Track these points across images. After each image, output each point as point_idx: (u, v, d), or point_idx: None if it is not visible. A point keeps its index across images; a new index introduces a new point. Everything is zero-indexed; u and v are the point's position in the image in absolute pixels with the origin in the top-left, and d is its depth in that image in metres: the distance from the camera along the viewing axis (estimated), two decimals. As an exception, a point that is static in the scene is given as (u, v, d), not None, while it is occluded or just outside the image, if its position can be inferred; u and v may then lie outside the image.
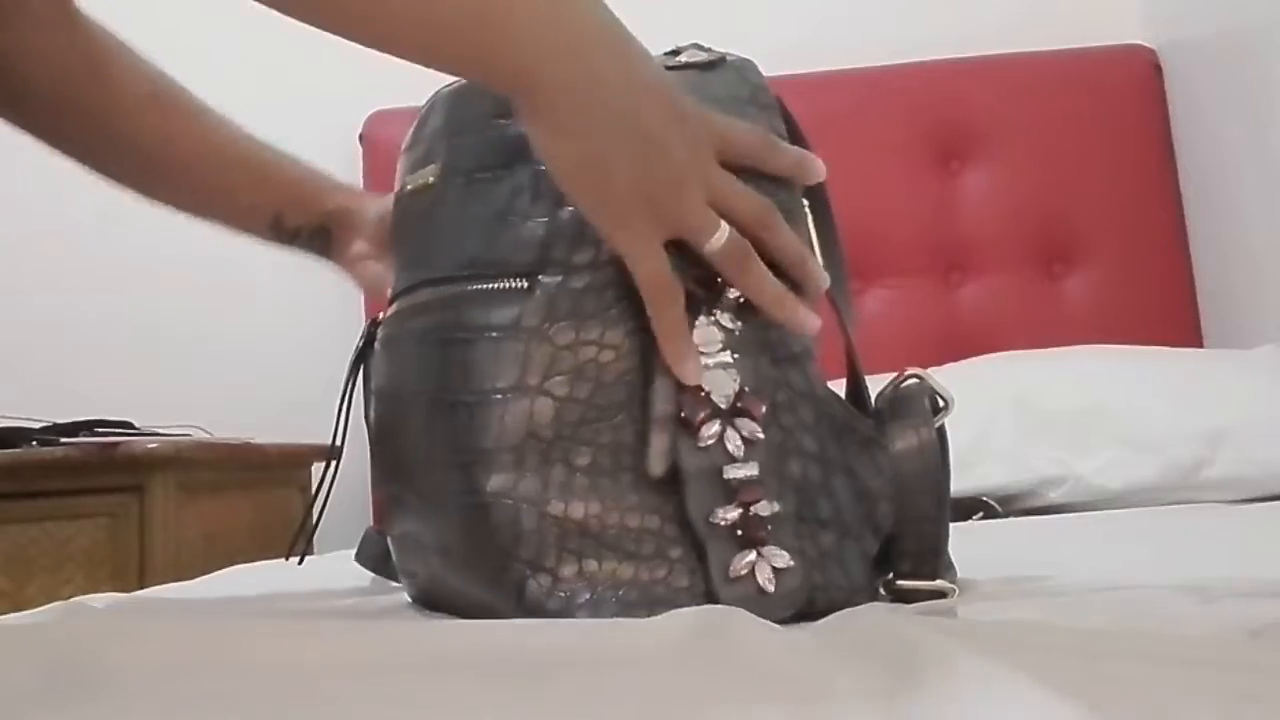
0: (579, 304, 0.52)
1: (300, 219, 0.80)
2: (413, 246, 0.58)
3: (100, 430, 1.49)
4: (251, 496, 1.65)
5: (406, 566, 0.59)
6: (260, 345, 1.94)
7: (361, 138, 1.85)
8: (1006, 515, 1.26)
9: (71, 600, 0.67)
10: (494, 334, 0.52)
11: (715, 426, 0.51)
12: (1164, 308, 1.75)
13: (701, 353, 0.51)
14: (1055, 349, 1.49)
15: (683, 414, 0.51)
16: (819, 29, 1.93)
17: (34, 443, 1.43)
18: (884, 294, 1.79)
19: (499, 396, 0.51)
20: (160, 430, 1.54)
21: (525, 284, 0.52)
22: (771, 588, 0.50)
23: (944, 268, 1.80)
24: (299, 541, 0.66)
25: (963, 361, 1.52)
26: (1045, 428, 1.31)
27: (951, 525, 0.58)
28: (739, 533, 0.50)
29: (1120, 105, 1.79)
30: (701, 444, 0.51)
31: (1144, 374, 1.37)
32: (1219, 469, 1.24)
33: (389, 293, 0.60)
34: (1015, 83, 1.81)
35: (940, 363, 1.53)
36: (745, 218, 0.52)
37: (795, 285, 0.54)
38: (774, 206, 0.53)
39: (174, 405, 1.75)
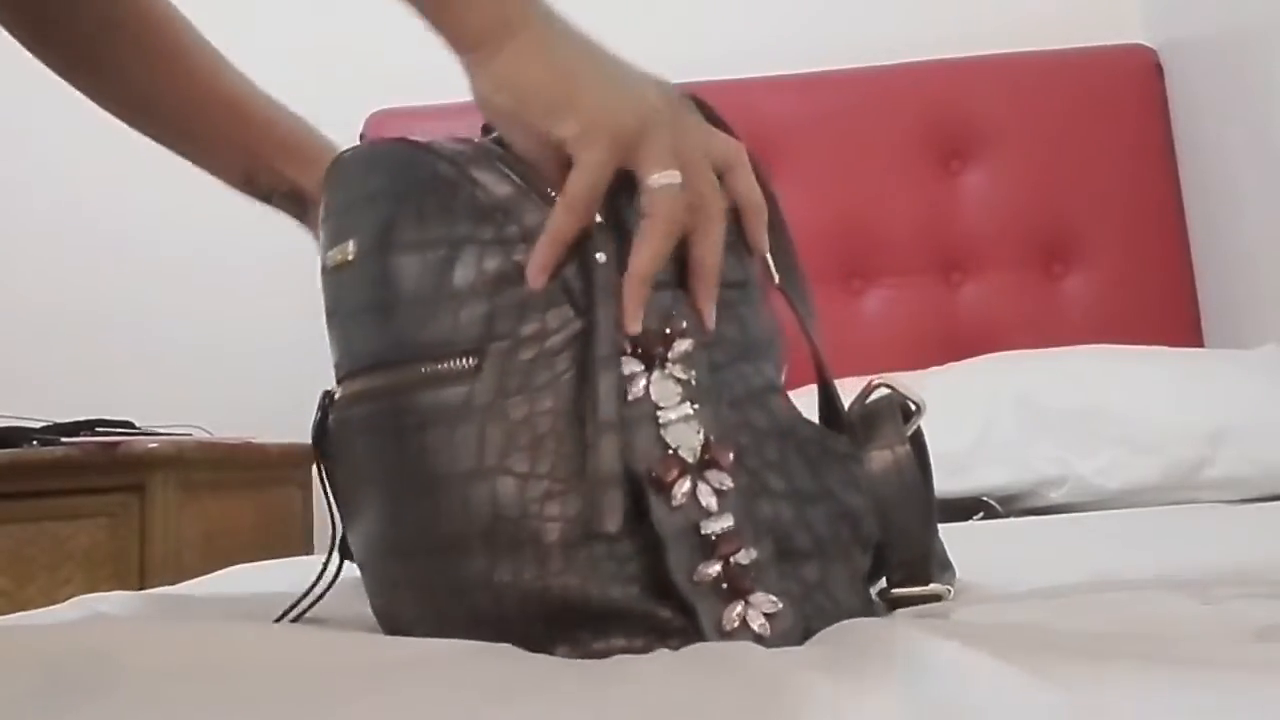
0: (530, 376, 0.50)
1: (272, 181, 0.78)
2: (345, 328, 0.55)
3: (100, 430, 1.49)
4: (251, 496, 1.65)
5: (396, 629, 0.57)
6: (260, 345, 1.94)
7: (361, 138, 1.85)
8: (1006, 515, 1.26)
9: (73, 600, 0.67)
10: (446, 416, 0.50)
11: (686, 484, 0.49)
12: (1164, 308, 1.74)
13: (660, 408, 0.50)
14: (1055, 349, 1.49)
15: (653, 474, 0.49)
16: (819, 28, 1.93)
17: (34, 443, 1.43)
18: (884, 294, 1.79)
19: (459, 481, 0.49)
20: (160, 430, 1.54)
21: (473, 362, 0.50)
22: (767, 633, 0.49)
23: (944, 268, 1.80)
24: (301, 603, 0.62)
25: (963, 361, 1.52)
26: (1046, 428, 1.30)
27: (951, 525, 0.58)
28: (724, 586, 0.49)
29: (1120, 105, 1.79)
30: (675, 503, 0.49)
31: (1144, 374, 1.37)
32: (1219, 469, 1.24)
33: (334, 373, 0.57)
34: (1015, 83, 1.81)
35: (940, 363, 1.53)
36: (716, 157, 0.53)
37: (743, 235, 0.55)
38: (744, 149, 0.55)
39: (174, 405, 1.75)
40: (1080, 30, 1.85)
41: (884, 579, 0.57)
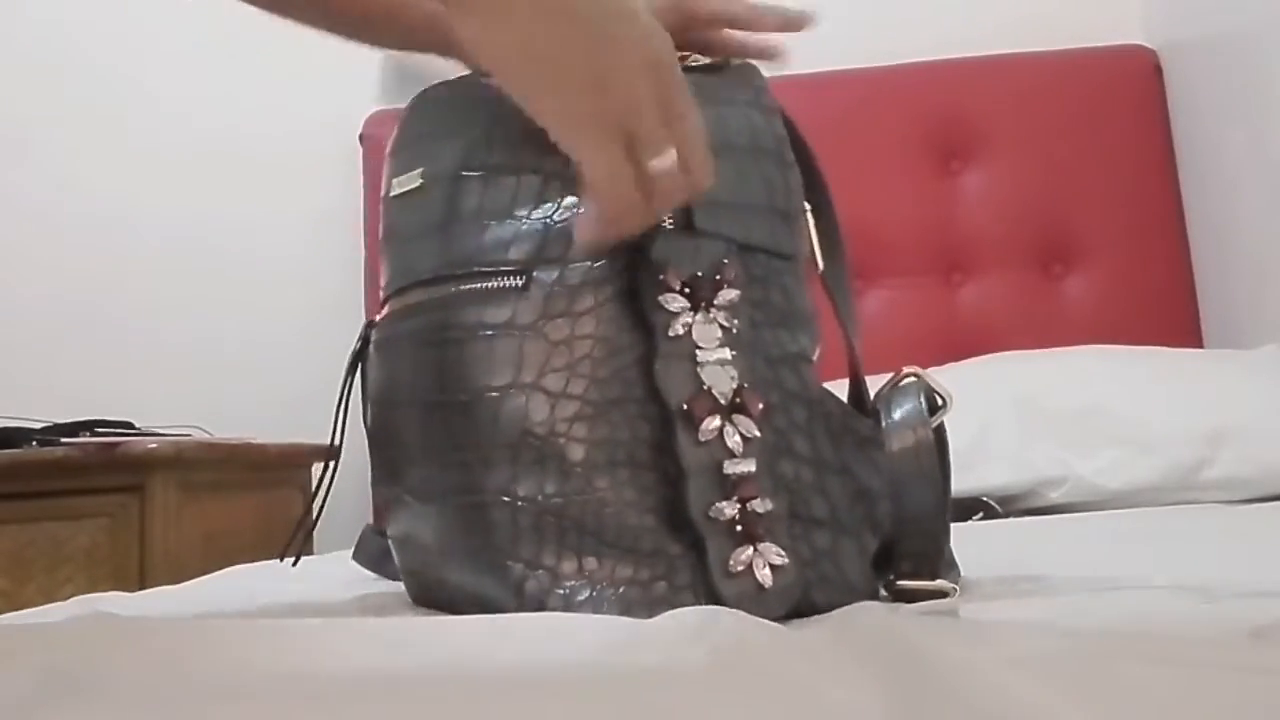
0: (574, 300, 0.52)
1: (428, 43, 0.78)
2: (402, 248, 0.58)
3: (100, 430, 1.49)
4: (251, 496, 1.65)
5: (407, 566, 0.59)
6: (260, 345, 1.94)
7: (361, 138, 1.85)
8: (1006, 515, 1.26)
9: (72, 600, 0.67)
10: (488, 332, 0.52)
11: (716, 421, 0.51)
12: (1164, 308, 1.74)
13: (700, 348, 0.52)
14: (1055, 349, 1.49)
15: (684, 407, 0.51)
16: (819, 29, 1.93)
17: (34, 443, 1.43)
18: (884, 294, 1.79)
19: (493, 395, 0.51)
20: (160, 430, 1.54)
21: (520, 282, 0.52)
22: (769, 583, 0.50)
23: (944, 268, 1.80)
24: (295, 542, 0.66)
25: (963, 362, 1.52)
26: (1046, 428, 1.30)
27: (952, 525, 0.58)
28: (738, 528, 0.51)
29: (1120, 105, 1.79)
30: (702, 438, 0.51)
31: (1144, 374, 1.37)
32: (1219, 469, 1.24)
33: (380, 294, 0.60)
34: (1015, 83, 1.81)
35: (940, 363, 1.53)
36: (682, 137, 0.50)
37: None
38: (702, 133, 0.51)
39: (174, 405, 1.74)
40: (1080, 31, 1.85)
41: (892, 573, 0.57)
